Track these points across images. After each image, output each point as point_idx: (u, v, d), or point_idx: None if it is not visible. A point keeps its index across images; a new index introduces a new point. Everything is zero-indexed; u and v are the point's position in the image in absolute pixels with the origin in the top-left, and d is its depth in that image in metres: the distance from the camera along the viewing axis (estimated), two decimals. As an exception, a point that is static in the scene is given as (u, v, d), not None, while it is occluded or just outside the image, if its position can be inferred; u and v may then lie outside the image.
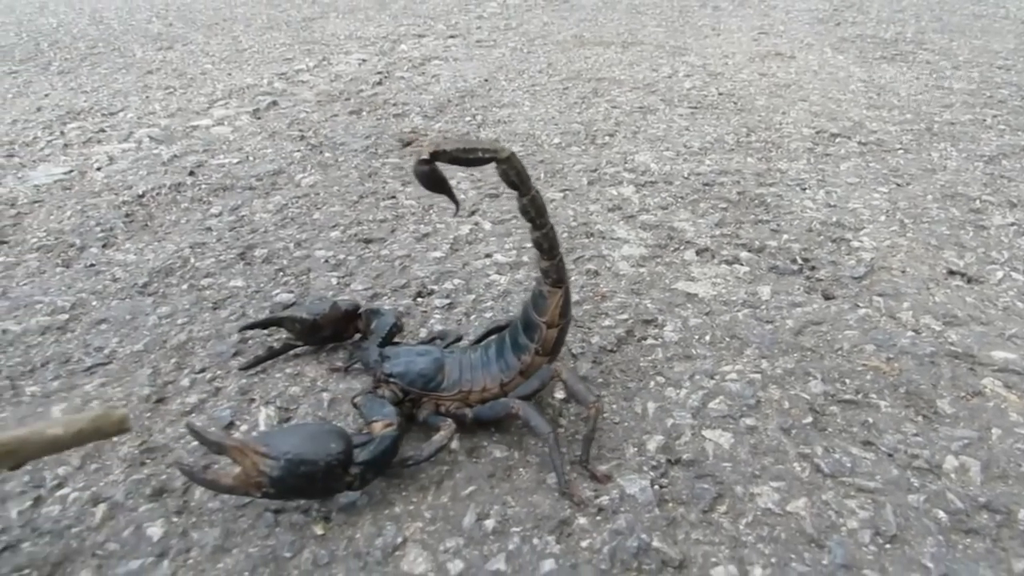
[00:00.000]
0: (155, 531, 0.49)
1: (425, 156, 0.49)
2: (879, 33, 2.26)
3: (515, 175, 0.52)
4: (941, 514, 0.51)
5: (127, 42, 2.20)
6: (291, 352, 0.68)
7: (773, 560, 0.47)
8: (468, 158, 0.50)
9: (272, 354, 0.67)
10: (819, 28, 2.36)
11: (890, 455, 0.56)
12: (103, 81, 1.75)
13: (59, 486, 0.53)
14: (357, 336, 0.69)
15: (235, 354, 0.68)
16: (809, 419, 0.60)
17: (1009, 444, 0.57)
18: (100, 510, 0.51)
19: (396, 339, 0.65)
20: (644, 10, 2.70)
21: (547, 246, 0.55)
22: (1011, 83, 1.65)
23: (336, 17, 2.61)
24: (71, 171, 1.17)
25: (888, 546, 0.48)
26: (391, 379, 0.57)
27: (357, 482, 0.49)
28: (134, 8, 2.86)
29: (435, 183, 0.51)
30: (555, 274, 0.56)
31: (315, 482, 0.48)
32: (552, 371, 0.57)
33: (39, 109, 1.50)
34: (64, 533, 0.49)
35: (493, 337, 0.63)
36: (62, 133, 1.36)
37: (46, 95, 1.62)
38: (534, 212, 0.54)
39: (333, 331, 0.67)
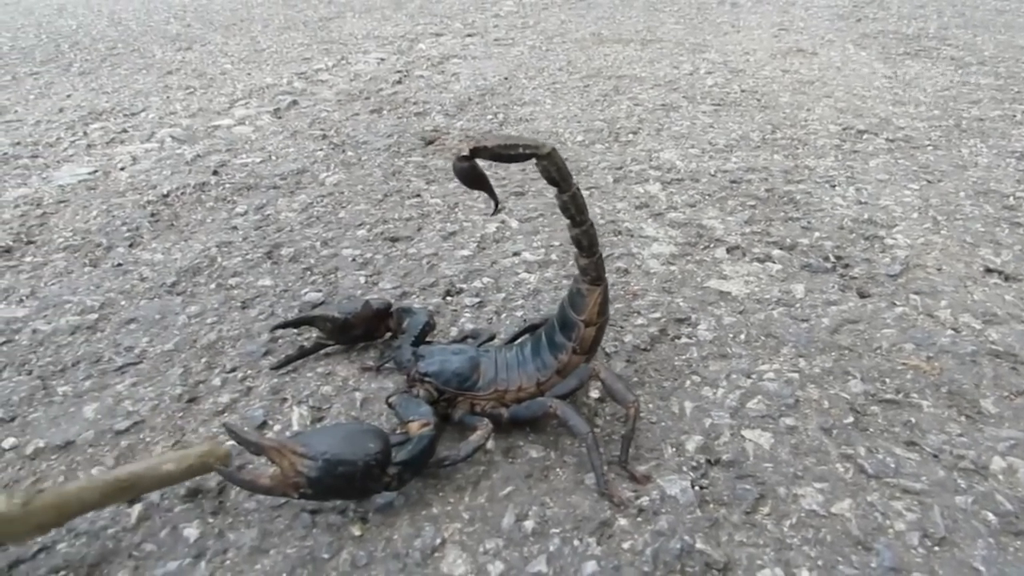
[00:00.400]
0: (191, 532, 0.49)
1: (465, 153, 0.49)
2: (901, 29, 2.24)
3: (556, 171, 0.51)
4: (990, 516, 0.49)
5: (146, 43, 2.21)
6: (322, 351, 0.67)
7: (820, 563, 0.46)
8: (509, 154, 0.50)
9: (303, 353, 0.66)
10: (839, 24, 2.33)
11: (935, 456, 0.55)
12: (124, 82, 1.76)
13: (94, 486, 0.53)
14: (388, 335, 0.68)
15: (265, 353, 0.68)
16: (850, 419, 0.58)
17: (1057, 445, 0.56)
18: (136, 511, 0.51)
19: (428, 338, 0.65)
20: (662, 7, 2.68)
21: (587, 243, 0.54)
22: (1039, 78, 1.63)
23: (353, 17, 2.61)
24: (95, 171, 1.18)
25: (937, 548, 0.47)
26: (426, 378, 0.57)
27: (395, 482, 0.49)
28: (152, 9, 2.87)
29: (475, 180, 0.51)
30: (594, 271, 0.55)
31: (353, 482, 0.47)
32: (590, 370, 0.56)
33: (61, 110, 1.51)
34: (100, 534, 0.49)
35: (528, 336, 0.62)
36: (85, 133, 1.37)
37: (68, 96, 1.63)
38: (574, 209, 0.53)
39: (365, 330, 0.66)
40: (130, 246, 0.90)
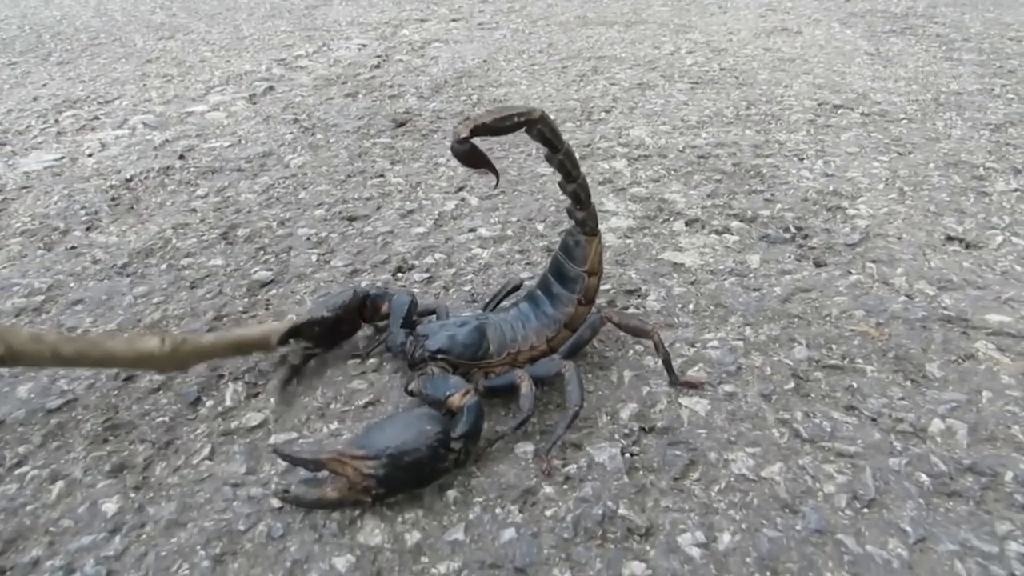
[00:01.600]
0: (110, 507, 0.48)
1: (465, 135, 0.49)
2: (890, 8, 2.21)
3: (549, 133, 0.53)
4: (923, 477, 0.48)
5: (129, 33, 2.20)
6: (312, 359, 0.62)
7: (744, 526, 0.45)
8: (504, 126, 0.50)
9: (295, 371, 0.61)
10: (828, 3, 2.31)
11: (873, 419, 0.54)
12: (101, 71, 1.75)
13: (18, 464, 0.52)
14: (364, 326, 0.65)
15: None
16: (791, 385, 0.57)
17: (999, 407, 0.55)
18: (57, 487, 0.50)
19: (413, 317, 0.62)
20: (649, -10, 2.66)
21: (583, 196, 0.56)
22: (1022, 54, 1.61)
23: (339, 3, 2.59)
24: (62, 157, 1.17)
25: (865, 510, 0.46)
26: (438, 355, 0.55)
27: (462, 456, 0.48)
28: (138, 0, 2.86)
29: (475, 159, 0.51)
30: (591, 222, 0.57)
31: (422, 469, 0.46)
32: (600, 318, 0.58)
33: (35, 99, 1.51)
34: (19, 511, 0.48)
35: (517, 298, 0.62)
36: (56, 121, 1.36)
37: (44, 84, 1.62)
38: (569, 165, 0.55)
39: (350, 324, 0.63)
40: (87, 229, 0.90)
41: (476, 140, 0.50)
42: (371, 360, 0.62)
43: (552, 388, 0.56)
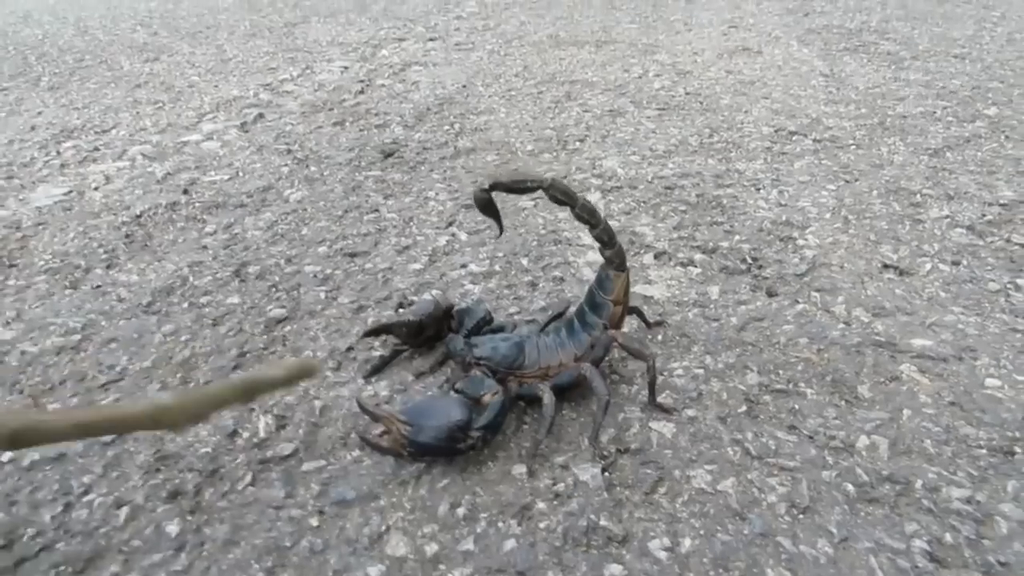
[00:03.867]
0: (172, 528, 0.57)
1: (486, 186, 0.60)
2: (845, 23, 2.33)
3: (561, 195, 0.62)
4: (849, 487, 0.59)
5: (113, 53, 2.26)
6: (402, 355, 0.75)
7: (702, 532, 0.55)
8: (519, 188, 0.61)
9: (385, 361, 0.74)
10: (788, 19, 2.43)
11: (811, 437, 0.64)
12: (93, 97, 1.81)
13: (85, 492, 0.61)
14: (450, 335, 0.75)
15: (234, 367, 0.76)
16: (744, 408, 0.68)
17: (917, 423, 0.65)
18: (123, 512, 0.59)
19: (485, 329, 0.74)
20: (619, 5, 2.76)
21: (607, 239, 0.66)
22: (964, 72, 1.73)
23: (317, 21, 2.66)
24: (70, 191, 1.24)
25: (801, 516, 0.56)
26: (480, 361, 0.67)
27: (479, 443, 0.60)
28: (118, 16, 2.91)
29: (488, 209, 0.62)
30: (617, 259, 0.67)
31: (442, 443, 0.59)
32: (611, 337, 0.67)
33: (33, 128, 1.57)
34: (93, 533, 0.57)
35: (560, 320, 0.73)
36: (58, 153, 1.43)
37: (39, 113, 1.69)
38: (588, 216, 0.64)
39: (436, 331, 0.74)
40: (107, 268, 0.98)
41: (494, 193, 0.61)
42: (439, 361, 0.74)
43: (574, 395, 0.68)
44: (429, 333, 0.75)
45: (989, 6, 2.52)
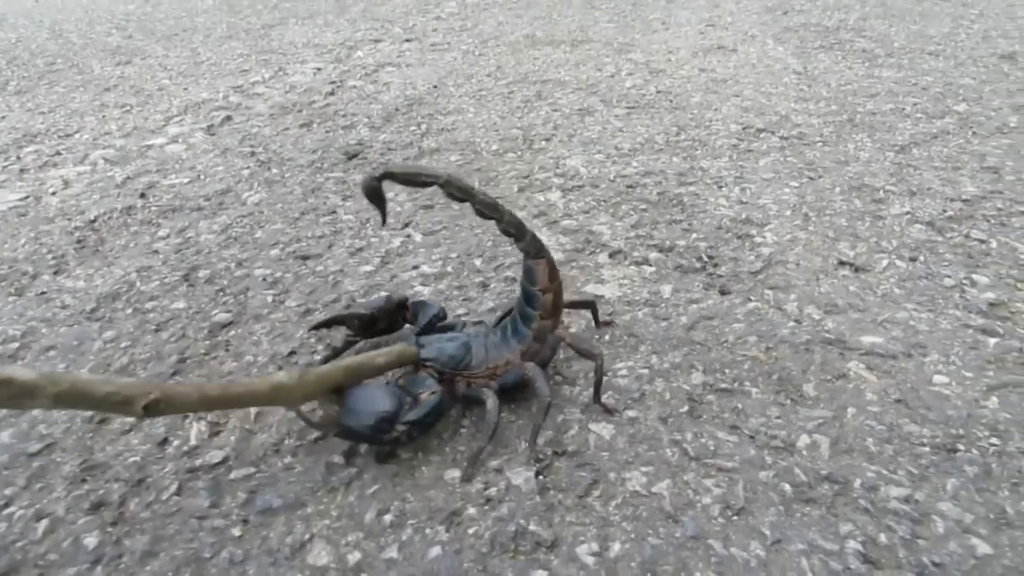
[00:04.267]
0: (91, 541, 0.56)
1: (377, 175, 0.57)
2: (823, 21, 2.33)
3: (458, 191, 0.60)
4: (787, 487, 0.58)
5: (86, 57, 2.24)
6: (353, 346, 0.75)
7: (632, 536, 0.54)
8: (414, 181, 0.59)
9: (336, 352, 0.74)
10: (766, 18, 2.42)
11: (752, 437, 0.63)
12: (60, 101, 1.80)
13: (6, 505, 0.59)
14: (406, 327, 0.76)
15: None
16: (686, 408, 0.66)
17: (860, 421, 0.64)
18: (43, 525, 0.57)
19: (440, 325, 0.73)
20: (599, 4, 2.75)
21: (514, 231, 0.63)
22: (937, 69, 1.73)
23: (295, 23, 2.65)
24: (27, 197, 1.23)
25: (735, 518, 0.55)
26: (427, 363, 0.65)
27: (404, 438, 0.59)
28: (95, 19, 2.89)
29: (375, 197, 0.59)
30: (533, 248, 0.64)
31: (366, 431, 0.58)
32: (558, 337, 0.67)
33: (-3, 134, 1.55)
34: (9, 548, 0.55)
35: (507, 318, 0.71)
36: (18, 158, 1.41)
37: (3, 117, 1.67)
38: (489, 212, 0.62)
39: (388, 323, 0.74)
40: (55, 274, 0.96)
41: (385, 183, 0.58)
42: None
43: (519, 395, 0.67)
44: (381, 326, 0.74)
45: (968, 4, 2.52)
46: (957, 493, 0.57)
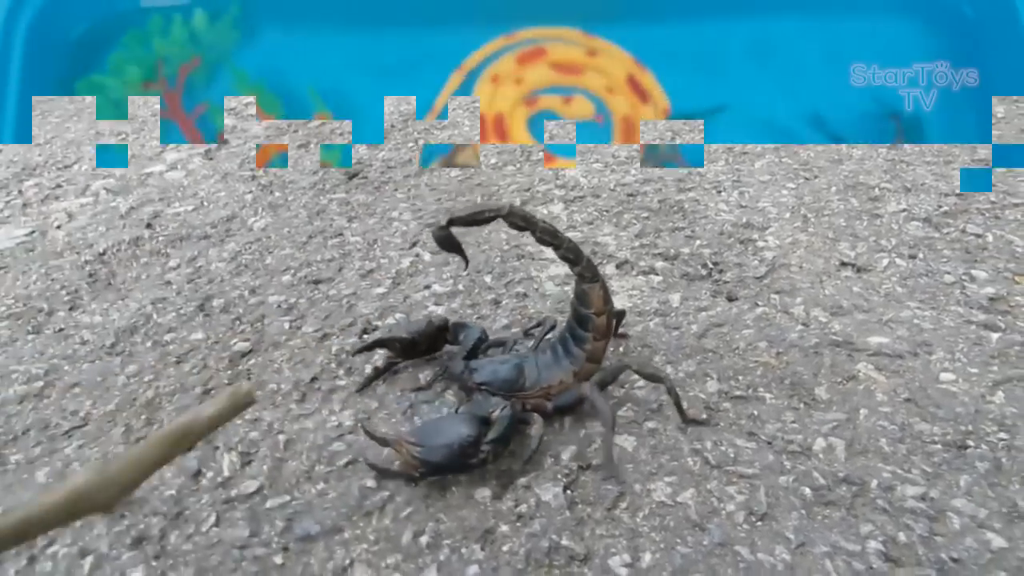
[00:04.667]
0: (137, 575, 0.57)
1: (443, 223, 0.61)
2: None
3: (521, 221, 0.63)
4: (806, 491, 0.60)
5: (77, 87, 2.24)
6: (393, 369, 0.77)
7: (662, 546, 0.56)
8: (478, 220, 0.62)
9: (378, 373, 0.76)
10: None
11: (769, 443, 0.65)
12: (55, 131, 1.80)
13: (49, 545, 0.60)
14: (446, 348, 0.78)
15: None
16: (703, 416, 0.68)
17: (873, 422, 0.66)
18: (88, 562, 0.58)
19: (486, 346, 0.76)
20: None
21: (572, 256, 0.66)
22: (921, 61, 1.75)
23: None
24: (32, 232, 1.24)
25: (759, 523, 0.57)
26: (482, 386, 0.68)
27: (490, 457, 0.61)
28: (81, 48, 2.88)
29: (449, 245, 0.63)
30: (588, 273, 0.67)
31: (455, 459, 0.60)
32: (623, 363, 0.69)
33: (-5, 169, 1.55)
34: (58, 585, 0.57)
35: (553, 336, 0.74)
36: (20, 192, 1.42)
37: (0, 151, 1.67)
38: (550, 239, 0.65)
39: (428, 346, 0.77)
40: (70, 309, 0.97)
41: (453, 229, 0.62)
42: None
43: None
44: (422, 348, 0.77)
45: None
46: (970, 489, 0.59)
